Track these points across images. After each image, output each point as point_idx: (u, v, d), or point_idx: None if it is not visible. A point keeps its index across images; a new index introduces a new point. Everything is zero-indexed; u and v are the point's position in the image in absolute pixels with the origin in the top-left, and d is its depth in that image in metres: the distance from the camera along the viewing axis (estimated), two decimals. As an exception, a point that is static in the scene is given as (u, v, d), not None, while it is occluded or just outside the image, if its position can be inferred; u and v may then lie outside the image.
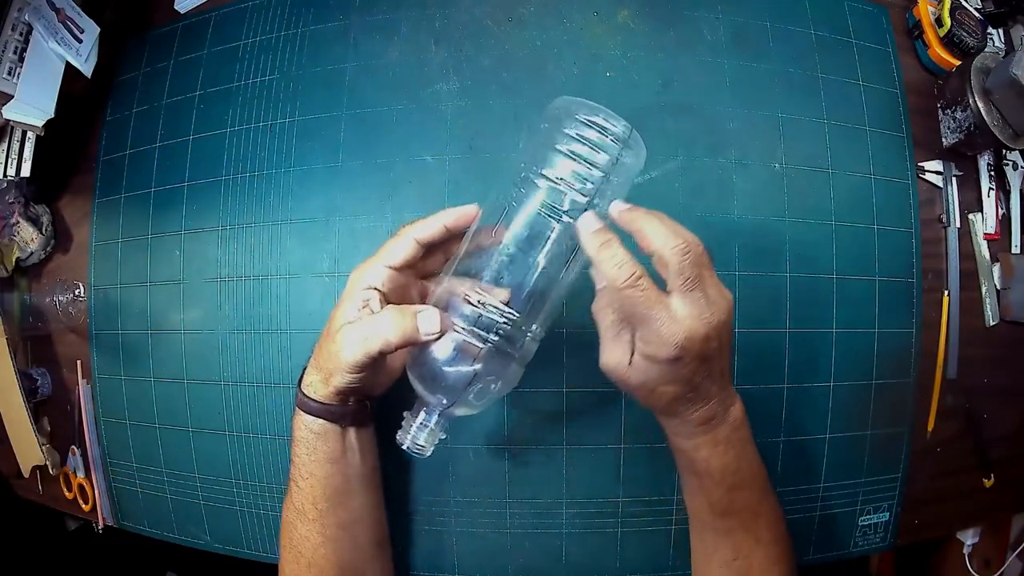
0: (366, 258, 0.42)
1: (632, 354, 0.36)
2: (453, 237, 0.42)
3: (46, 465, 0.68)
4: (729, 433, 0.39)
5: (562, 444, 0.53)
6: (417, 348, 0.39)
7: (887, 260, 0.57)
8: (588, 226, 0.37)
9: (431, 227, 0.41)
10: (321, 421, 0.43)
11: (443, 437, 0.41)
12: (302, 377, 0.44)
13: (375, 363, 0.39)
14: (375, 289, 0.40)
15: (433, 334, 0.38)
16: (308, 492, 0.44)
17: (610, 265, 0.35)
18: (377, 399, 0.47)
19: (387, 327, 0.38)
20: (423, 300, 0.43)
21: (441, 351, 0.38)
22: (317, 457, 0.43)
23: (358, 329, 0.39)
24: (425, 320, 0.37)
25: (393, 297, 0.41)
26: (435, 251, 0.43)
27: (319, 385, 0.42)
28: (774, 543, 0.43)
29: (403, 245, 0.41)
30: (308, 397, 0.43)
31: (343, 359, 0.39)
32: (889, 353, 0.57)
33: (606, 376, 0.38)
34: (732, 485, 0.40)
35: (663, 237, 0.34)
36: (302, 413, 0.43)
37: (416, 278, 0.44)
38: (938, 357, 0.59)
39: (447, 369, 0.38)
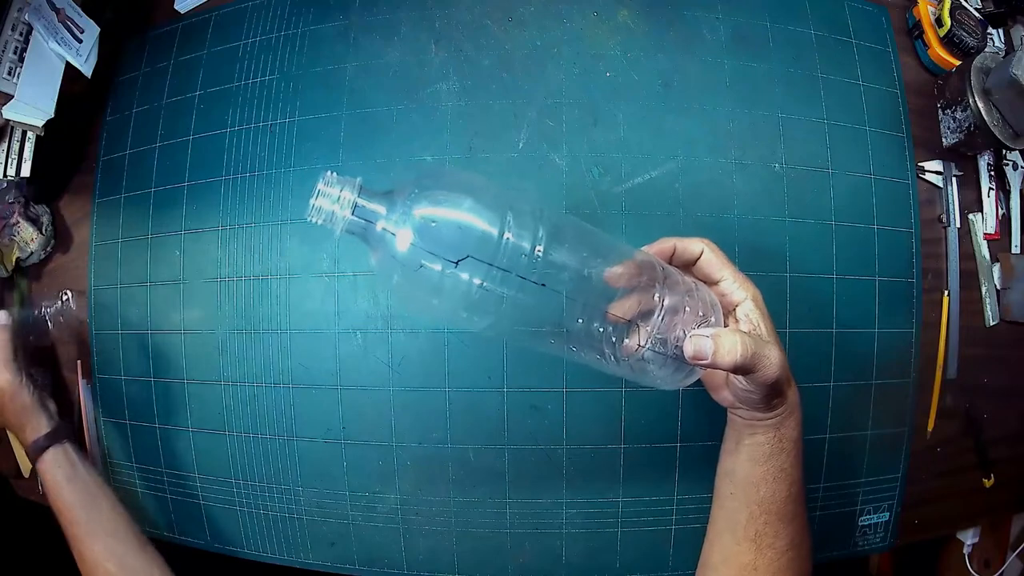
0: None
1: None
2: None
3: (46, 465, 0.68)
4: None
5: (562, 444, 0.53)
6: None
7: (887, 260, 0.57)
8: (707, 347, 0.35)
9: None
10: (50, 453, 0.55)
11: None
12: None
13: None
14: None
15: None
16: (68, 517, 0.52)
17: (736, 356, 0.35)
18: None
19: None
20: None
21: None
22: (58, 482, 0.54)
23: None
24: None
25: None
26: None
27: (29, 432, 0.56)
28: (809, 534, 0.44)
29: None
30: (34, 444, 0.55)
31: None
32: (889, 353, 0.57)
33: (776, 377, 0.37)
34: (802, 465, 0.42)
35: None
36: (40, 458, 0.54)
37: None
38: (938, 357, 0.59)
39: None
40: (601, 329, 0.35)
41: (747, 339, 0.35)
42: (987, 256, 0.61)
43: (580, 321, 0.35)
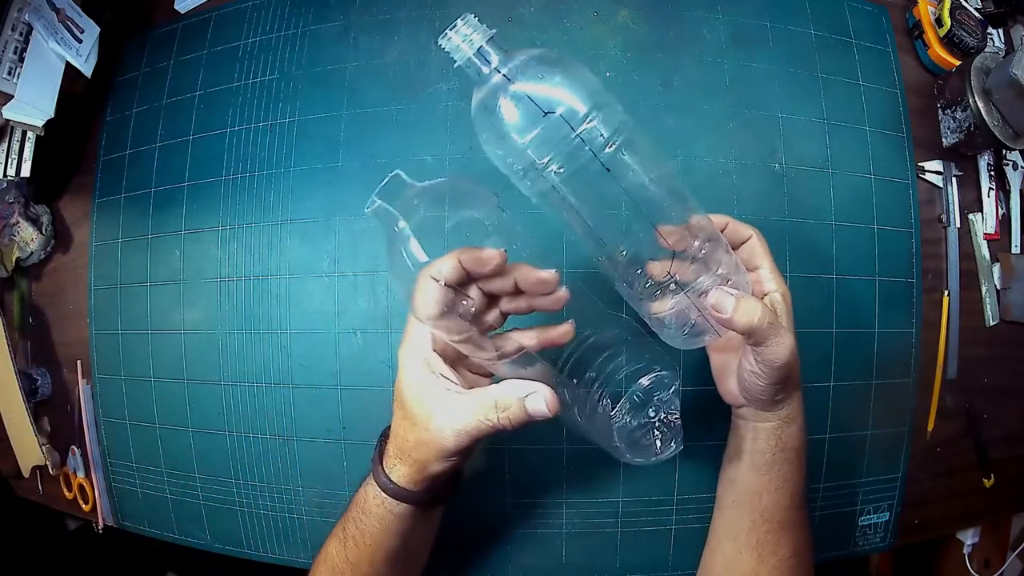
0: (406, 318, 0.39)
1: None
2: (482, 277, 0.36)
3: (46, 465, 0.68)
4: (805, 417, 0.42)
5: (562, 444, 0.53)
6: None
7: (887, 260, 0.57)
8: (729, 302, 0.36)
9: (445, 263, 0.34)
10: (405, 505, 0.39)
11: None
12: (382, 457, 0.40)
13: (475, 449, 0.37)
14: (435, 355, 0.37)
15: (543, 416, 0.35)
16: (367, 554, 0.41)
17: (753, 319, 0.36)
18: (462, 470, 0.44)
19: (493, 413, 0.35)
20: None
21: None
22: (390, 531, 0.40)
23: (457, 418, 0.35)
24: (534, 403, 0.35)
25: (451, 351, 0.38)
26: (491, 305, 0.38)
27: (412, 474, 0.38)
28: (811, 540, 0.44)
29: (428, 291, 0.34)
30: (397, 485, 0.39)
31: (445, 448, 0.36)
32: (889, 353, 0.57)
33: (785, 362, 0.38)
34: (804, 474, 0.42)
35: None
36: (384, 495, 0.39)
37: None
38: (938, 357, 0.59)
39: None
40: (639, 252, 0.37)
41: (767, 311, 0.36)
42: (987, 256, 0.61)
43: (626, 237, 0.37)
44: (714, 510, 0.46)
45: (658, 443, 0.38)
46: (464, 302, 0.35)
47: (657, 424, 0.38)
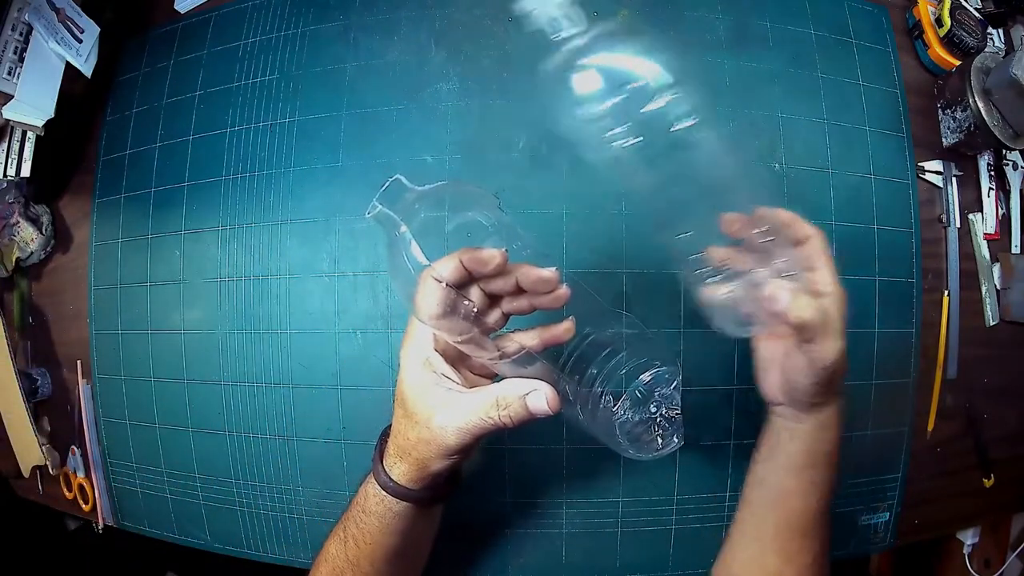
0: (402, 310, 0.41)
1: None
2: (484, 277, 0.36)
3: (46, 465, 0.68)
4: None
5: (562, 444, 0.53)
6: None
7: (887, 260, 0.57)
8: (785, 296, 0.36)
9: (446, 264, 0.34)
10: (405, 503, 0.39)
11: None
12: (382, 455, 0.40)
13: (474, 448, 0.37)
14: (437, 355, 0.37)
15: (544, 413, 0.35)
16: (368, 553, 0.41)
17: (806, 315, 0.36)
18: (459, 473, 0.44)
19: (494, 410, 0.35)
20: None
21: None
22: (388, 530, 0.40)
23: (458, 416, 0.35)
24: (535, 401, 0.35)
25: (452, 351, 0.38)
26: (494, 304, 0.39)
27: (413, 472, 0.38)
28: (828, 549, 0.44)
29: (430, 292, 0.34)
30: (397, 484, 0.39)
31: (447, 446, 0.36)
32: (889, 353, 0.57)
33: (832, 363, 0.38)
34: (832, 482, 0.42)
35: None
36: (385, 493, 0.39)
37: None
38: (938, 357, 0.59)
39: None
40: (699, 236, 0.37)
41: (822, 309, 0.36)
42: (987, 256, 0.61)
43: (687, 220, 0.37)
44: (740, 507, 0.45)
45: (659, 439, 0.38)
46: (465, 303, 0.35)
47: (658, 419, 0.38)
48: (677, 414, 0.38)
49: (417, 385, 0.37)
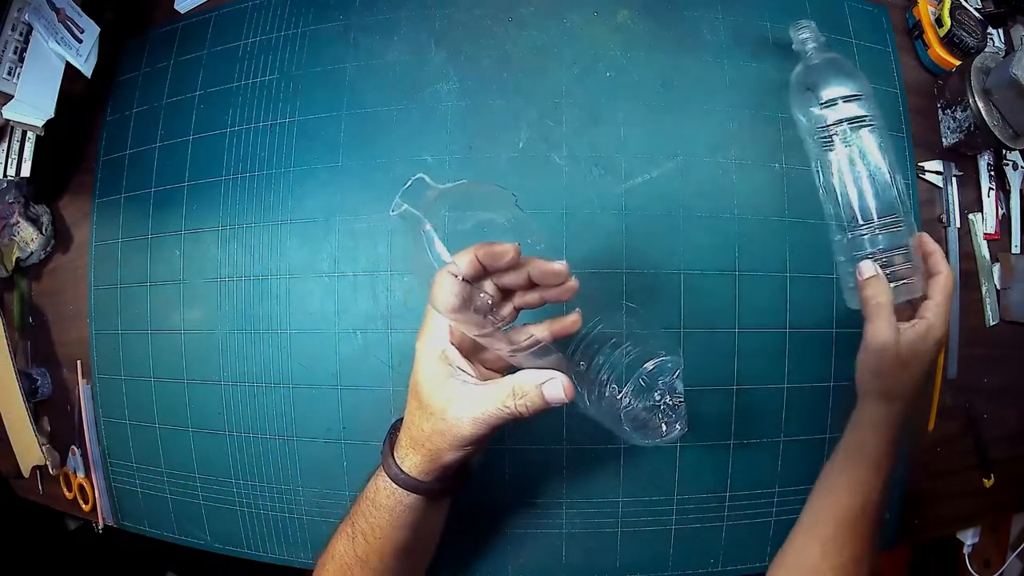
0: (422, 317, 0.40)
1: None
2: (498, 271, 0.38)
3: (46, 465, 0.68)
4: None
5: (562, 444, 0.53)
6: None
7: (887, 260, 0.56)
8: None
9: (462, 258, 0.36)
10: (416, 495, 0.40)
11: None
12: (393, 447, 0.40)
13: (488, 438, 0.37)
14: (453, 348, 0.38)
15: (560, 401, 0.35)
16: (377, 547, 0.41)
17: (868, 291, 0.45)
18: (471, 463, 0.44)
19: (511, 400, 0.35)
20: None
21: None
22: (397, 523, 0.40)
23: (474, 406, 0.36)
24: (551, 390, 0.35)
25: (468, 344, 0.38)
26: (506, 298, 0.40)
27: (425, 464, 0.38)
28: (873, 557, 0.44)
29: (446, 285, 0.35)
30: (408, 476, 0.39)
31: (462, 436, 0.36)
32: (889, 353, 0.57)
33: (874, 349, 0.44)
34: (882, 488, 0.44)
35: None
36: (395, 486, 0.39)
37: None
38: (938, 357, 0.59)
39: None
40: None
41: (887, 295, 0.44)
42: (987, 256, 0.61)
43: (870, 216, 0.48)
44: (812, 501, 0.47)
45: (663, 425, 0.39)
46: (481, 295, 0.36)
47: (662, 406, 0.39)
48: (680, 401, 0.39)
49: (433, 377, 0.37)
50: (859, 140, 0.49)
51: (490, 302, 0.37)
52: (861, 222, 0.49)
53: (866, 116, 0.49)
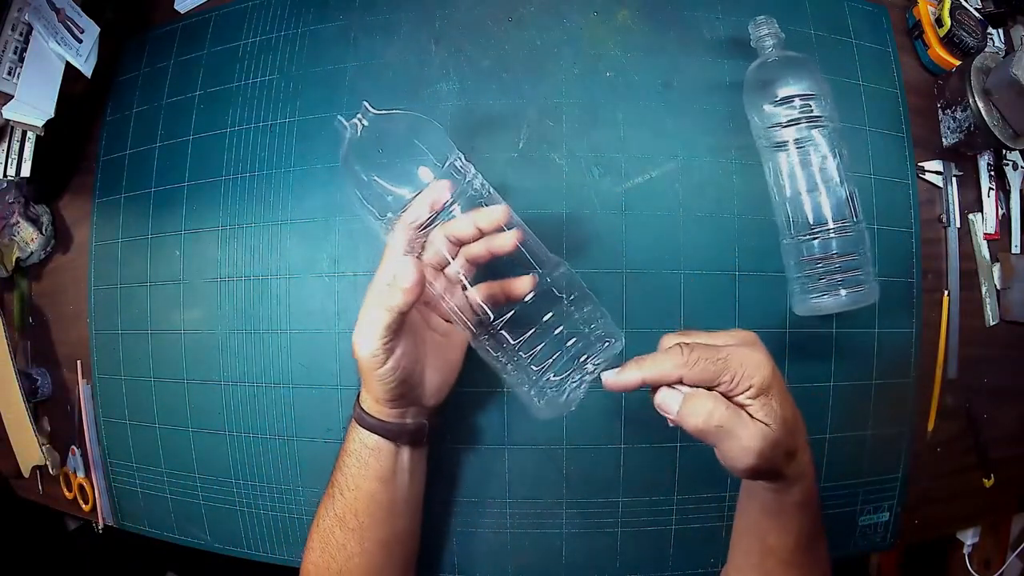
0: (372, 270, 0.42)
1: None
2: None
3: (46, 465, 0.68)
4: (814, 468, 0.40)
5: (562, 444, 0.53)
6: None
7: (887, 260, 0.56)
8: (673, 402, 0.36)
9: (416, 208, 0.40)
10: (376, 437, 0.43)
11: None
12: (360, 392, 0.44)
13: (390, 347, 0.39)
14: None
15: (414, 278, 0.36)
16: (352, 503, 0.44)
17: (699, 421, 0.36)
18: (435, 417, 0.47)
19: (383, 302, 0.38)
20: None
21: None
22: (367, 472, 0.43)
23: (359, 324, 0.39)
24: (403, 270, 0.37)
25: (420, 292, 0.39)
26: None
27: (371, 402, 0.42)
28: (827, 558, 0.44)
29: (402, 233, 0.40)
30: (365, 412, 0.43)
31: (360, 356, 0.39)
32: (889, 353, 0.57)
33: (746, 467, 0.36)
34: (816, 512, 0.41)
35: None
36: (357, 427, 0.43)
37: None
38: (938, 357, 0.59)
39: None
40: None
41: (720, 411, 0.34)
42: (987, 256, 0.61)
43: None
44: (735, 521, 0.45)
45: (561, 396, 0.39)
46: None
47: (575, 383, 0.39)
48: (586, 383, 0.39)
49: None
50: (812, 141, 0.48)
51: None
52: (812, 225, 0.48)
53: (821, 116, 0.48)
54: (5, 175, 0.63)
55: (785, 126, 0.49)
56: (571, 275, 0.42)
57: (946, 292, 0.59)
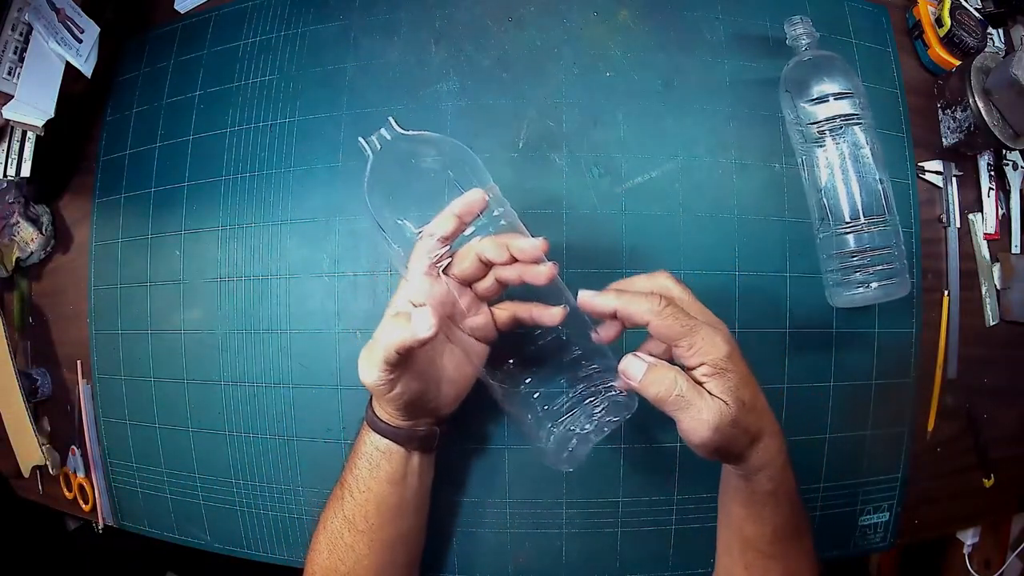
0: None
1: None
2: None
3: (46, 465, 0.68)
4: (785, 458, 0.40)
5: (562, 444, 0.53)
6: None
7: (887, 260, 0.57)
8: (637, 369, 0.37)
9: (444, 220, 0.38)
10: (387, 442, 0.43)
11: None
12: (371, 401, 0.44)
13: (394, 378, 0.39)
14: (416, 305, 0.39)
15: (427, 334, 0.36)
16: (362, 505, 0.44)
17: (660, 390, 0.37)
18: (447, 423, 0.47)
19: (384, 338, 0.37)
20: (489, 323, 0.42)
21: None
22: (378, 475, 0.43)
23: (364, 350, 0.39)
24: (418, 320, 0.36)
25: (441, 311, 0.39)
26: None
27: (390, 411, 0.42)
28: (813, 554, 0.44)
29: (426, 248, 0.38)
30: (377, 417, 0.43)
31: (364, 383, 0.39)
32: (889, 353, 0.57)
33: (704, 440, 0.36)
34: (793, 503, 0.41)
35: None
36: (369, 430, 0.43)
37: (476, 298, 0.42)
38: (938, 357, 0.59)
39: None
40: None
41: (681, 383, 0.35)
42: (987, 256, 0.61)
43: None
44: (718, 517, 0.46)
45: (566, 450, 0.40)
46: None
47: (582, 435, 0.40)
48: (593, 440, 0.40)
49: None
50: (849, 138, 0.49)
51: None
52: (847, 220, 0.50)
53: (856, 114, 0.49)
54: (5, 175, 0.63)
55: (823, 123, 0.49)
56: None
57: (946, 292, 0.59)
